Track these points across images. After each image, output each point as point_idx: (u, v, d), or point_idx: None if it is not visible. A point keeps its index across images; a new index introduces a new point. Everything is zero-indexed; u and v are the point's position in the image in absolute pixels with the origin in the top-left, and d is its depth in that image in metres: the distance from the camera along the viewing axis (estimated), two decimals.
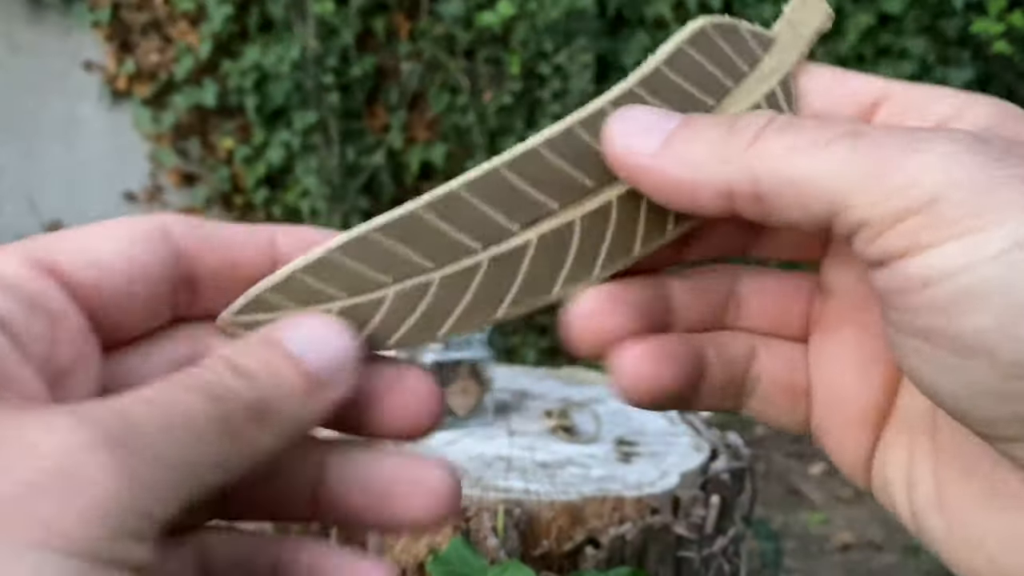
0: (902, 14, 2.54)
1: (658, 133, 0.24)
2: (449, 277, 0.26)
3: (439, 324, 0.26)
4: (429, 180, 2.93)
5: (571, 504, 0.71)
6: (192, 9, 2.78)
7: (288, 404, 0.21)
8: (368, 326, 0.25)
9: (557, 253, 0.26)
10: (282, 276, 0.25)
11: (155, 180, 2.93)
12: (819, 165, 0.21)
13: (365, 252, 0.25)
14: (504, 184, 0.25)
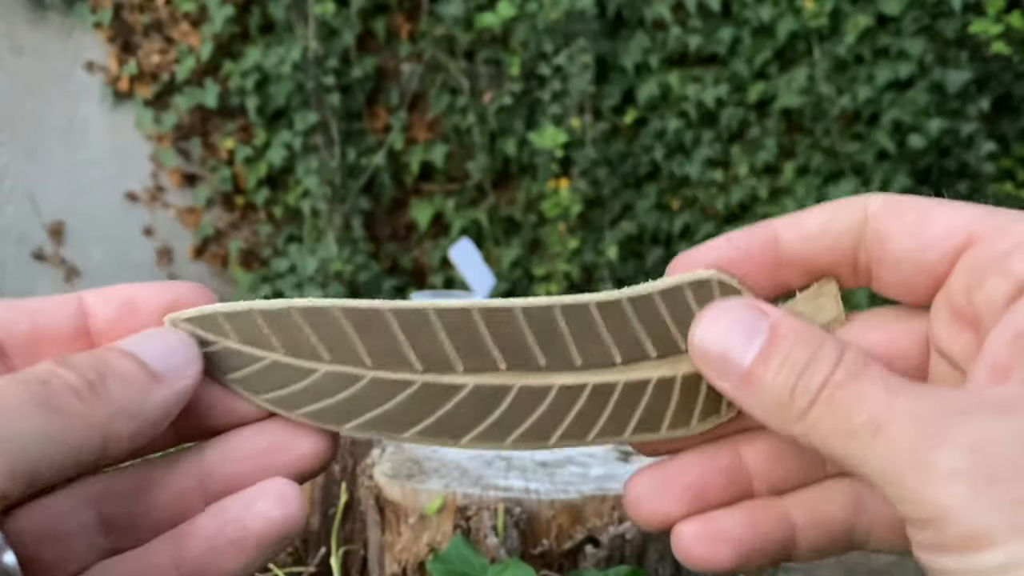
0: (900, 15, 2.54)
1: (742, 356, 0.25)
2: (380, 381, 0.27)
3: (349, 417, 0.27)
4: (429, 181, 2.94)
5: (571, 503, 0.71)
6: (193, 10, 2.78)
7: (128, 388, 0.23)
8: (287, 388, 0.26)
9: (484, 407, 0.27)
10: (240, 308, 0.26)
11: (156, 180, 2.93)
12: (850, 453, 0.23)
13: (321, 324, 0.26)
14: (471, 325, 0.26)
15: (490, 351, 0.27)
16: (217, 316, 0.26)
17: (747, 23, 2.69)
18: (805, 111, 2.67)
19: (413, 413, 0.27)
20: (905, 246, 0.26)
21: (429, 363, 0.27)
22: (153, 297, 0.26)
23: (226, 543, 0.25)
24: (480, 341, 0.27)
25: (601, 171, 2.72)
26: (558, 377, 0.27)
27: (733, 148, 2.76)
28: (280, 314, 0.26)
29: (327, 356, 0.26)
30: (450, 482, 0.74)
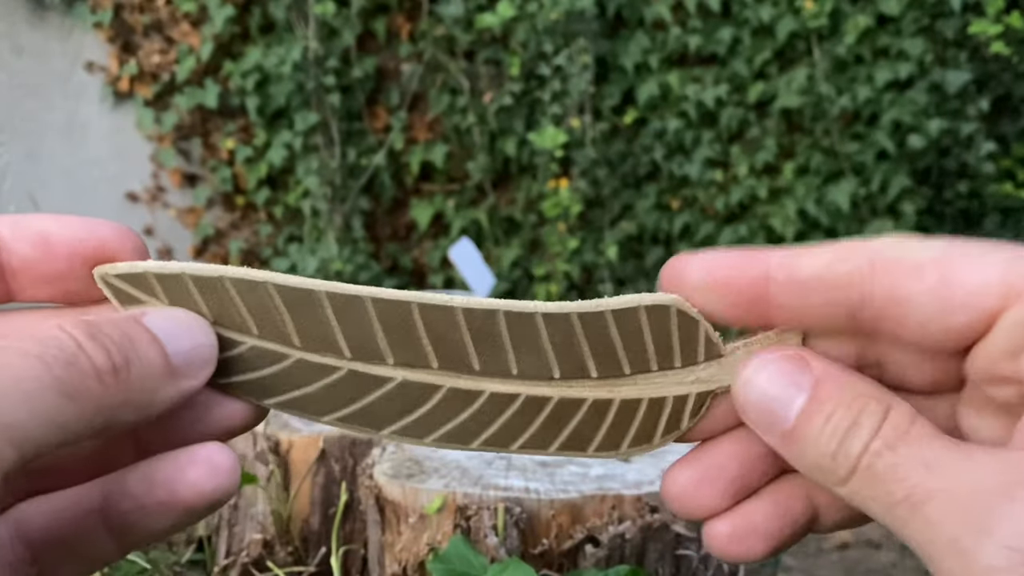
0: (900, 15, 2.54)
1: (786, 412, 0.25)
2: (306, 363, 0.26)
3: (271, 394, 0.26)
4: (430, 181, 2.94)
5: (571, 503, 0.71)
6: (194, 10, 2.78)
7: (145, 379, 0.23)
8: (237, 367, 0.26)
9: (410, 403, 0.27)
10: (172, 269, 0.25)
11: (157, 181, 2.93)
12: (892, 524, 0.23)
13: (252, 297, 0.25)
14: (407, 318, 0.26)
15: (424, 347, 0.26)
16: (148, 275, 0.25)
17: (747, 23, 2.69)
18: (805, 111, 2.67)
19: (336, 399, 0.26)
20: (929, 311, 0.24)
21: (358, 351, 0.26)
22: (71, 237, 0.25)
23: (155, 504, 0.24)
24: (415, 336, 0.26)
25: (601, 171, 2.72)
26: (491, 383, 0.27)
27: (733, 148, 2.76)
28: (212, 281, 0.25)
29: (255, 330, 0.26)
30: (450, 482, 0.74)
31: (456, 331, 0.26)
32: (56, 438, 0.20)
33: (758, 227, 2.74)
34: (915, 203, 2.58)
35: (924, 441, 0.23)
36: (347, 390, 0.26)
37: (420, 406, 0.27)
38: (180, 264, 0.25)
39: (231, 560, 0.83)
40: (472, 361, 0.26)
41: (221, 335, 0.25)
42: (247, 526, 0.85)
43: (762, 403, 0.25)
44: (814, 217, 2.65)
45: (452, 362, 0.26)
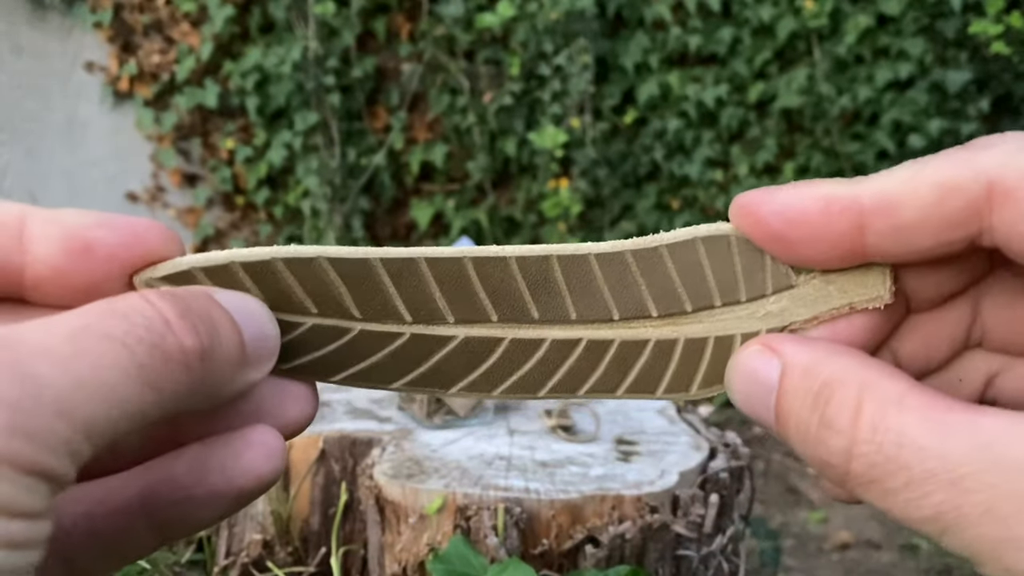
0: (900, 15, 2.54)
1: (766, 408, 0.24)
2: (369, 333, 0.26)
3: (337, 370, 0.26)
4: (430, 181, 2.94)
5: (571, 503, 0.71)
6: (193, 10, 2.78)
7: (224, 366, 0.21)
8: None
9: (474, 359, 0.26)
10: (219, 260, 0.24)
11: (157, 181, 2.93)
12: (909, 516, 0.21)
13: (307, 275, 0.24)
14: (462, 275, 0.25)
15: (482, 302, 0.26)
16: (194, 272, 0.24)
17: (747, 23, 2.69)
18: (805, 111, 2.67)
19: (402, 364, 0.26)
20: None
21: (419, 314, 0.26)
22: (112, 240, 0.22)
23: (206, 492, 0.23)
24: (471, 292, 0.26)
25: (601, 171, 2.72)
26: (551, 330, 0.26)
27: (733, 148, 2.76)
28: (262, 265, 0.24)
29: (313, 309, 0.25)
30: (450, 482, 0.74)
31: (512, 281, 0.26)
32: (130, 427, 0.19)
33: None
34: None
35: (907, 408, 0.21)
36: (412, 354, 0.26)
37: (484, 360, 0.26)
38: (225, 252, 0.24)
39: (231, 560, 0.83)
40: (531, 310, 0.26)
41: (280, 319, 0.25)
42: (247, 526, 0.85)
43: (744, 399, 0.25)
44: None
45: (511, 313, 0.26)
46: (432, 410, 0.88)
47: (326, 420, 0.88)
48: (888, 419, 0.21)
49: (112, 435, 0.18)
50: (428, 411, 0.88)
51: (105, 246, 0.22)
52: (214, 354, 0.20)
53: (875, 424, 0.21)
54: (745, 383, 0.24)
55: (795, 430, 0.23)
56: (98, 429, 0.18)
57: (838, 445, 0.22)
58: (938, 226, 0.22)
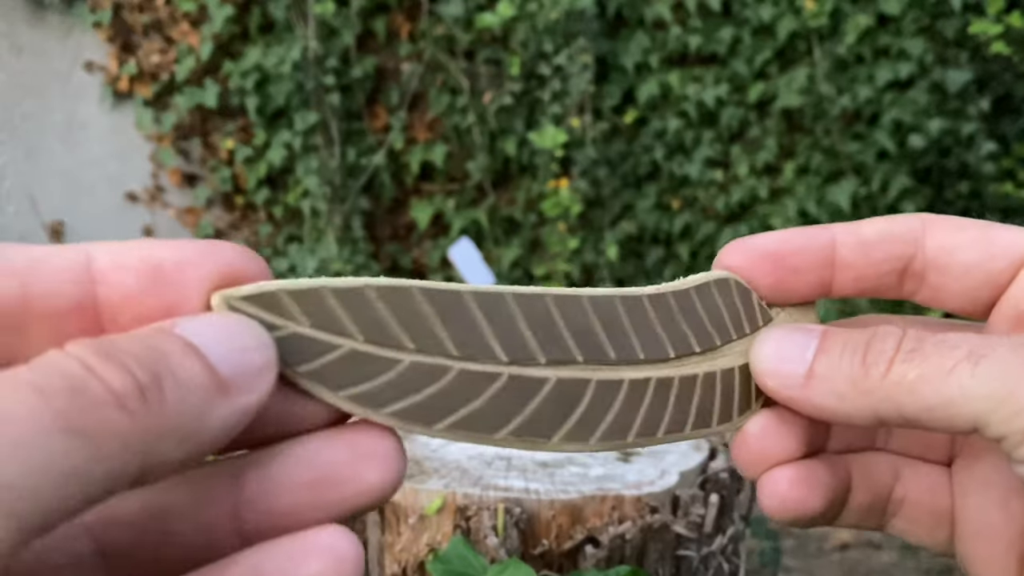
0: (900, 15, 2.54)
1: (800, 362, 0.26)
2: (469, 374, 0.23)
3: (439, 416, 0.23)
4: (430, 180, 2.93)
5: (571, 503, 0.71)
6: (193, 10, 2.78)
7: (186, 398, 0.17)
8: (369, 382, 0.22)
9: (568, 403, 0.25)
10: (308, 285, 0.21)
11: (156, 181, 2.93)
12: (949, 393, 0.23)
13: (401, 306, 0.22)
14: (546, 313, 0.25)
15: (567, 341, 0.25)
16: (281, 295, 0.21)
17: (747, 23, 2.69)
18: (805, 111, 2.67)
19: (503, 410, 0.24)
20: (972, 256, 0.27)
21: (513, 353, 0.24)
22: (189, 264, 0.20)
23: None
24: (557, 330, 0.25)
25: (601, 171, 2.72)
26: (627, 371, 0.26)
27: (733, 148, 2.76)
28: (355, 294, 0.22)
29: (410, 344, 0.22)
30: (450, 482, 0.74)
31: (588, 320, 0.25)
32: (73, 493, 0.15)
33: (758, 227, 2.74)
34: (916, 203, 2.58)
35: (953, 334, 0.24)
36: (511, 398, 0.24)
37: (577, 405, 0.25)
38: (314, 280, 0.22)
39: None
40: (608, 350, 0.26)
41: (377, 355, 0.22)
42: None
43: (775, 359, 0.26)
44: (815, 217, 2.65)
45: (594, 353, 0.25)
46: None
47: None
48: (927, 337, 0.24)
49: (46, 505, 0.15)
50: None
51: (174, 263, 0.20)
52: (163, 386, 0.17)
53: (919, 336, 0.24)
54: (783, 340, 0.26)
55: (841, 355, 0.25)
56: (17, 499, 0.14)
57: (882, 353, 0.24)
58: (888, 239, 0.28)
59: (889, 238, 0.28)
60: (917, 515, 0.29)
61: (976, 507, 0.28)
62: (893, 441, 0.30)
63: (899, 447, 0.30)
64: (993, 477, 0.27)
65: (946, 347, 0.23)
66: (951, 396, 0.23)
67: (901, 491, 0.29)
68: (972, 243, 0.27)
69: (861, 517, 0.29)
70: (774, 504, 0.27)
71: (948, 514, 0.29)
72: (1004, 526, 0.27)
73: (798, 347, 0.26)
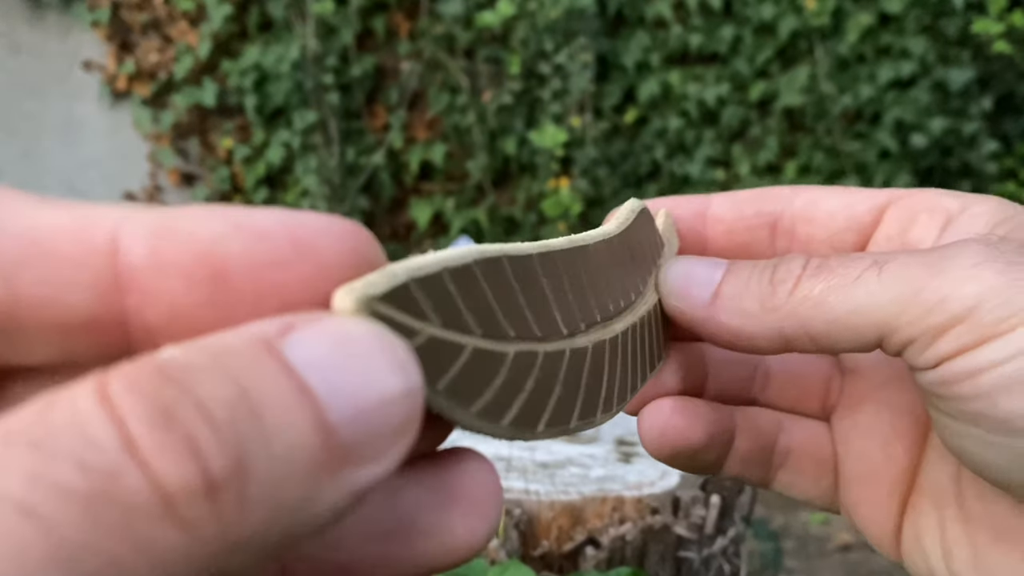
0: (902, 14, 2.54)
1: (707, 284, 0.26)
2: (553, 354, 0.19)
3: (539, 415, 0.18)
4: (429, 180, 2.93)
5: (571, 504, 0.71)
6: (192, 9, 2.78)
7: (283, 485, 0.11)
8: (488, 390, 0.17)
9: (596, 372, 0.22)
10: (430, 267, 0.15)
11: (155, 180, 2.93)
12: (856, 300, 0.23)
13: (497, 283, 0.17)
14: (574, 268, 0.21)
15: (588, 301, 0.22)
16: (412, 284, 0.15)
17: (748, 22, 2.68)
18: (807, 110, 2.66)
19: (570, 391, 0.20)
20: (835, 204, 0.28)
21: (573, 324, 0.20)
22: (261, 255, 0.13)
23: None
24: (583, 289, 0.22)
25: (602, 170, 2.72)
26: (615, 325, 0.24)
27: (734, 147, 2.76)
28: (466, 273, 0.16)
29: (512, 332, 0.17)
30: None
31: (577, 273, 0.22)
32: None
33: None
34: None
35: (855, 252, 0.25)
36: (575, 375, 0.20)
37: (601, 374, 0.23)
38: (429, 258, 0.15)
39: None
40: (592, 310, 0.23)
41: (489, 351, 0.17)
42: None
43: (682, 279, 0.26)
44: None
45: (587, 317, 0.22)
46: None
47: None
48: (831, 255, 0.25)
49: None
50: None
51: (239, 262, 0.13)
52: (248, 475, 0.11)
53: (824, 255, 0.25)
54: (693, 263, 0.26)
55: (749, 276, 0.25)
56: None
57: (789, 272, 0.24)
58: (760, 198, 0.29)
59: (759, 196, 0.29)
60: (801, 466, 0.29)
61: (858, 454, 0.28)
62: (771, 394, 0.30)
63: (777, 400, 0.30)
64: (874, 422, 0.28)
65: (850, 260, 0.23)
66: (857, 304, 0.23)
67: (785, 442, 0.30)
68: (835, 194, 0.28)
69: (746, 466, 0.29)
70: (653, 435, 0.27)
71: (831, 463, 0.29)
72: (885, 470, 0.27)
73: (706, 269, 0.26)
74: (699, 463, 0.28)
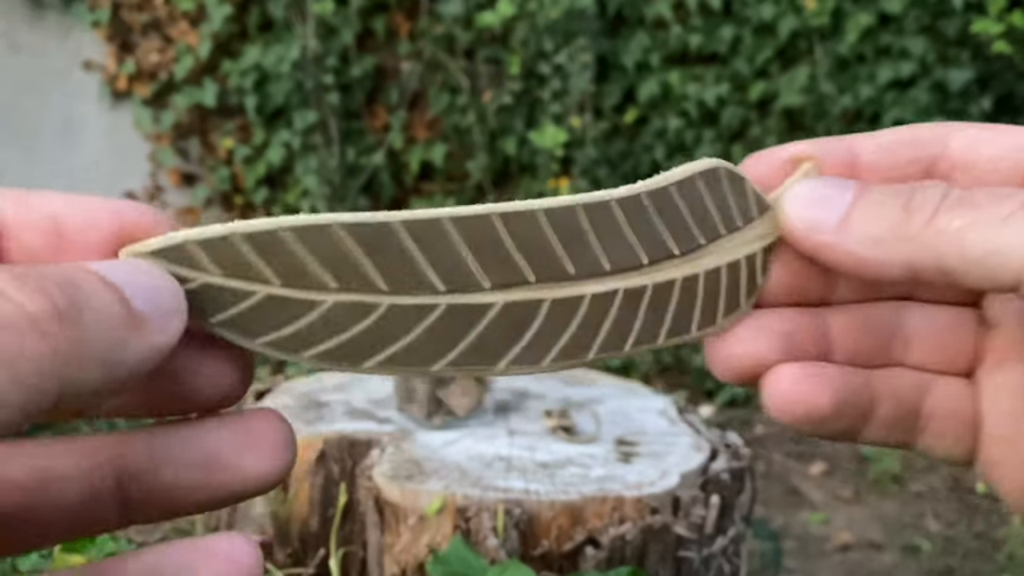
0: (902, 14, 2.54)
1: (837, 206, 0.24)
2: (399, 308, 0.23)
3: (367, 354, 0.23)
4: (429, 180, 2.93)
5: (571, 504, 0.71)
6: (192, 9, 2.78)
7: (103, 327, 0.17)
8: (288, 327, 0.22)
9: (516, 327, 0.24)
10: (217, 232, 0.21)
11: (155, 180, 2.93)
12: (1000, 240, 0.22)
13: (321, 245, 0.22)
14: (492, 234, 0.23)
15: (516, 263, 0.24)
16: (189, 245, 0.21)
17: (748, 22, 2.68)
18: (807, 110, 2.67)
19: (440, 342, 0.23)
20: (999, 148, 0.25)
21: (453, 281, 0.23)
22: (89, 223, 0.21)
23: None
24: (504, 252, 0.24)
25: (602, 170, 2.72)
26: (588, 285, 0.25)
27: (734, 147, 2.76)
28: (268, 236, 0.21)
29: (333, 284, 0.22)
30: (450, 483, 0.74)
31: (543, 237, 0.24)
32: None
33: None
34: None
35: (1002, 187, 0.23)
36: (450, 328, 0.23)
37: (528, 327, 0.24)
38: (224, 225, 0.21)
39: None
40: (566, 265, 0.24)
41: (295, 298, 0.22)
42: (246, 527, 0.84)
43: (807, 201, 0.25)
44: None
45: (548, 272, 0.24)
46: (431, 411, 0.87)
47: (325, 421, 0.88)
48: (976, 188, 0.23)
49: None
50: (427, 412, 0.87)
51: (75, 222, 0.20)
52: (81, 313, 0.17)
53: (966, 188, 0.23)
54: (819, 184, 0.25)
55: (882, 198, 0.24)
56: None
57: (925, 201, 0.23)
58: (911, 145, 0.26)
59: (911, 140, 0.26)
60: (945, 428, 0.28)
61: (1001, 412, 0.27)
62: (914, 354, 0.28)
63: (922, 360, 0.28)
64: (1018, 378, 0.26)
65: (999, 195, 0.22)
66: (1001, 244, 0.21)
67: (931, 405, 0.28)
68: (999, 135, 0.25)
69: (888, 432, 0.27)
70: (779, 400, 0.25)
71: (972, 423, 0.27)
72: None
73: (836, 190, 0.25)
74: (830, 430, 0.27)
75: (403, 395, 0.90)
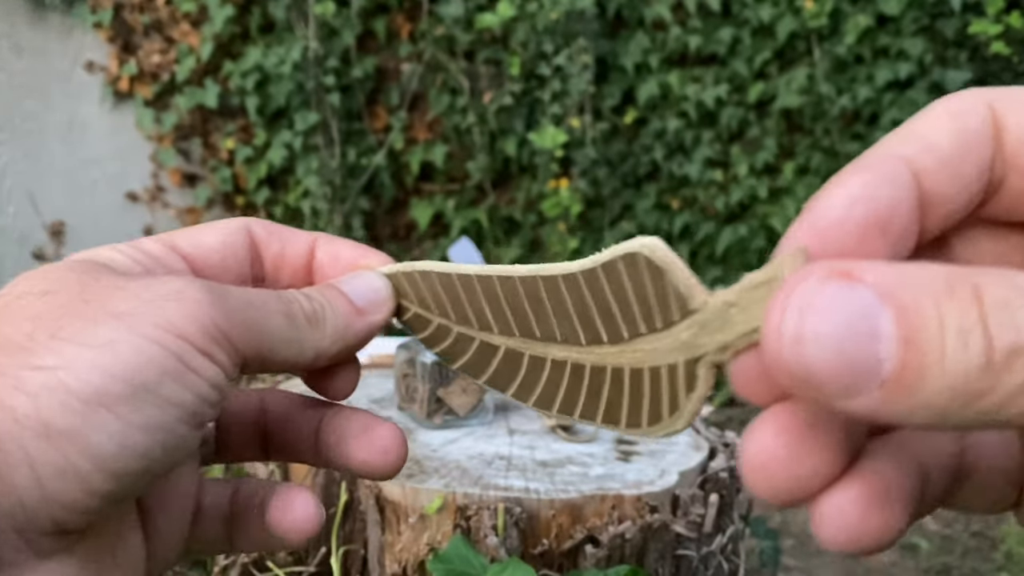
0: (900, 15, 2.54)
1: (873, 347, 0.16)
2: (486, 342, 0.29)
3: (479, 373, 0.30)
4: (430, 181, 2.94)
5: (571, 502, 0.71)
6: (194, 10, 2.78)
7: (337, 317, 0.29)
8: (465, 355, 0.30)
9: (512, 369, 0.29)
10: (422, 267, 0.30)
11: (157, 181, 2.93)
12: None
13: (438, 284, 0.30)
14: (493, 290, 0.29)
15: (507, 316, 0.29)
16: (397, 276, 0.31)
17: (747, 23, 2.69)
18: (805, 111, 2.67)
19: (475, 367, 0.30)
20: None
21: (479, 323, 0.30)
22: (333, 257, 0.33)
23: None
24: (500, 305, 0.29)
25: (601, 171, 2.72)
26: (551, 349, 0.27)
27: (733, 148, 2.76)
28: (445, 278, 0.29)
29: (453, 315, 0.30)
30: (450, 482, 0.74)
31: (518, 298, 0.28)
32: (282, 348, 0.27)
33: (758, 227, 2.74)
34: None
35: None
36: (483, 358, 0.30)
37: (517, 372, 0.29)
38: (425, 264, 0.30)
39: (231, 560, 0.83)
40: (534, 327, 0.28)
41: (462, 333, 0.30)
42: None
43: (832, 358, 0.17)
44: None
45: (524, 329, 0.28)
46: (432, 410, 0.88)
47: None
48: None
49: (269, 348, 0.27)
50: (428, 411, 0.88)
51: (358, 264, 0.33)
52: (325, 312, 0.29)
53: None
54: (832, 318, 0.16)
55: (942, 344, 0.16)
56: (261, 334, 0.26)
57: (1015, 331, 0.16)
58: (964, 148, 0.21)
59: (966, 143, 0.20)
60: (988, 484, 0.23)
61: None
62: None
63: None
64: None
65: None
66: None
67: (971, 458, 0.23)
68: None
69: (933, 505, 0.23)
70: (847, 536, 0.20)
71: (1017, 473, 0.23)
72: None
73: (861, 327, 0.16)
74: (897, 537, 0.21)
75: (404, 394, 0.90)
